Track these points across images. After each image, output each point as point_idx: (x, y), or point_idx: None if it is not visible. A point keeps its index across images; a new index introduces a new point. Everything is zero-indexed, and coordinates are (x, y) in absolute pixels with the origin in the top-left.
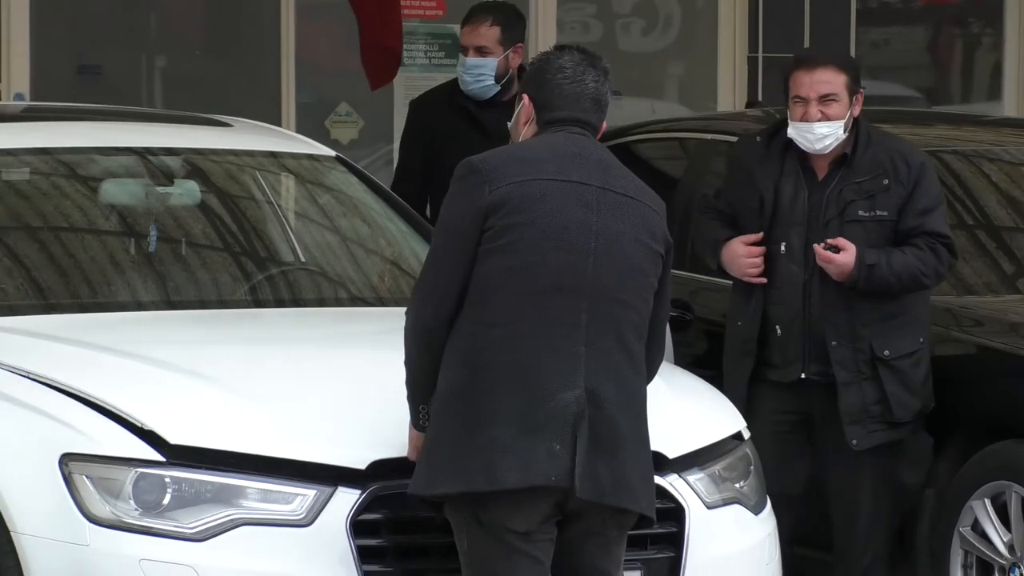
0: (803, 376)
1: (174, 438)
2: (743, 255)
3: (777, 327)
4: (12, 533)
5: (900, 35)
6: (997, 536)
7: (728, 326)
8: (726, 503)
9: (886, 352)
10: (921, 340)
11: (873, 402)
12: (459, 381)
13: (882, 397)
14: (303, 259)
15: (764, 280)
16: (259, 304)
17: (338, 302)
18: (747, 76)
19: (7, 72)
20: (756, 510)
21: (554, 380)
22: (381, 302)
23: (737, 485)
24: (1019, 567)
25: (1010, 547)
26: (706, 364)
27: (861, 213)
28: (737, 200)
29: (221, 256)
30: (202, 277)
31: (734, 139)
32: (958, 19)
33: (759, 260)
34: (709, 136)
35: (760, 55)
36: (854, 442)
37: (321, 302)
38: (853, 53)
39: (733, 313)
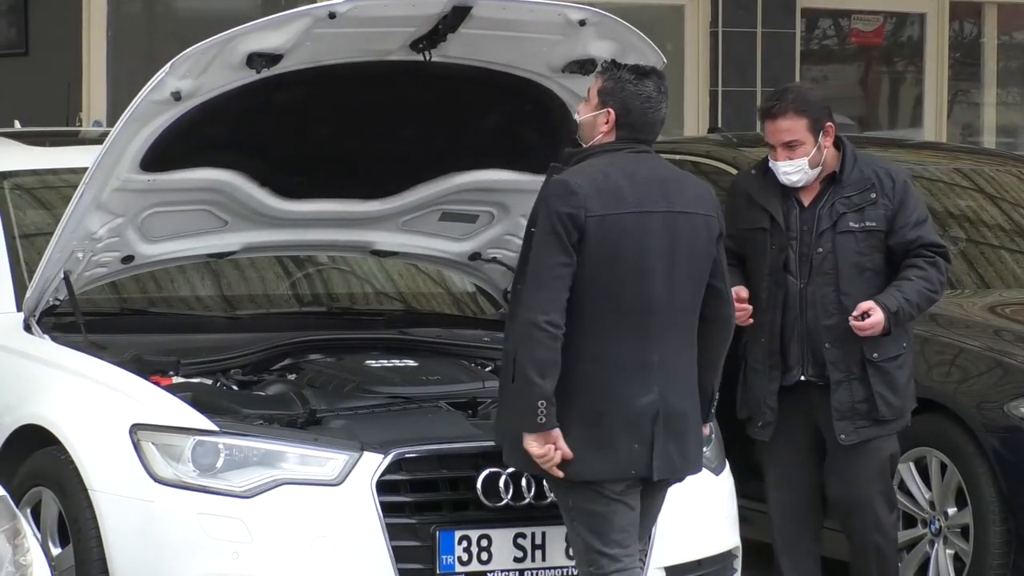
0: (802, 378)
1: None
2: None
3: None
4: (89, 491)
5: (836, 72)
6: (920, 493)
7: (751, 343)
8: None
9: (875, 355)
10: (904, 345)
11: (860, 400)
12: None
13: (869, 396)
14: None
15: (751, 321)
16: None
17: None
18: (708, 107)
19: (88, 103)
20: (717, 471)
21: (633, 388)
22: None
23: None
24: (937, 519)
25: (930, 503)
26: None
27: (852, 224)
28: (746, 225)
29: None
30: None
31: (699, 159)
32: (885, 58)
33: (745, 312)
34: (678, 157)
35: (720, 89)
36: (842, 437)
37: None
38: None
39: (754, 332)
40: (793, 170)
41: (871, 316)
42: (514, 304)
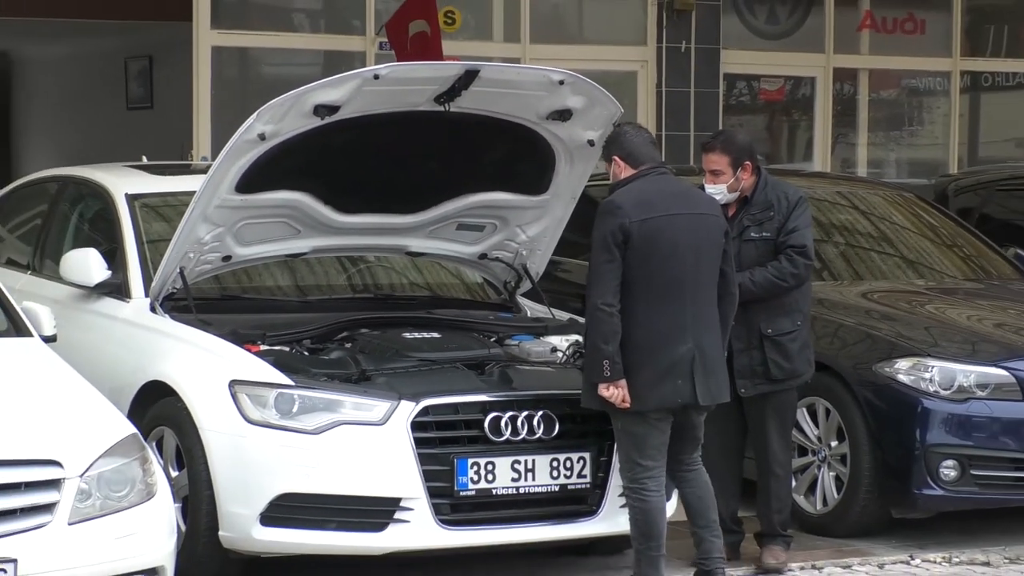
0: None
1: None
2: None
3: None
4: (199, 429)
5: (749, 120)
6: (810, 431)
7: None
8: None
9: (769, 330)
10: (799, 323)
11: (758, 364)
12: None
13: (764, 361)
14: None
15: None
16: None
17: None
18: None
19: (196, 143)
20: None
21: (673, 341)
22: None
23: None
24: (823, 450)
25: (818, 438)
26: None
27: (752, 234)
28: None
29: None
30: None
31: None
32: (785, 110)
33: None
34: None
35: (663, 133)
36: (742, 391)
37: None
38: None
39: None
40: (715, 191)
41: None
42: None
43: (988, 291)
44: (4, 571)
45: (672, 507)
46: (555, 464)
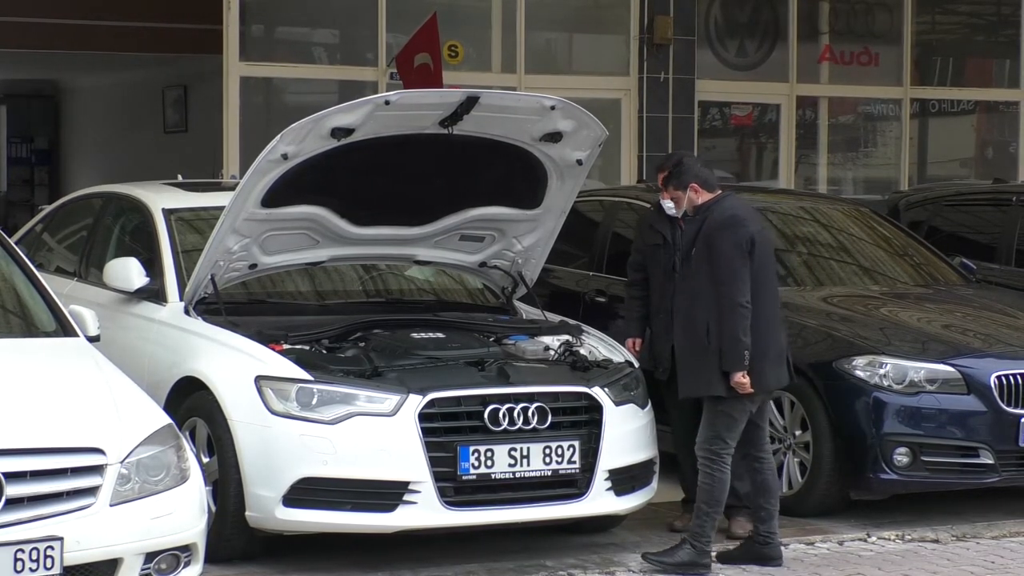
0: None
1: None
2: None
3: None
4: (228, 420)
5: (721, 143)
6: (777, 421)
7: (654, 318)
8: (625, 402)
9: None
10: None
11: None
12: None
13: None
14: None
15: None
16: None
17: None
18: (636, 166)
19: (226, 163)
20: (642, 406)
21: (779, 332)
22: None
23: (630, 392)
24: (789, 438)
25: (784, 427)
26: (611, 324)
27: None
28: (647, 240)
29: None
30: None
31: (631, 200)
32: (754, 134)
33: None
34: (616, 199)
35: (644, 154)
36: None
37: None
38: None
39: (655, 311)
40: (671, 206)
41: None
42: (689, 297)
43: (936, 296)
44: (52, 548)
45: (653, 490)
46: (547, 451)
